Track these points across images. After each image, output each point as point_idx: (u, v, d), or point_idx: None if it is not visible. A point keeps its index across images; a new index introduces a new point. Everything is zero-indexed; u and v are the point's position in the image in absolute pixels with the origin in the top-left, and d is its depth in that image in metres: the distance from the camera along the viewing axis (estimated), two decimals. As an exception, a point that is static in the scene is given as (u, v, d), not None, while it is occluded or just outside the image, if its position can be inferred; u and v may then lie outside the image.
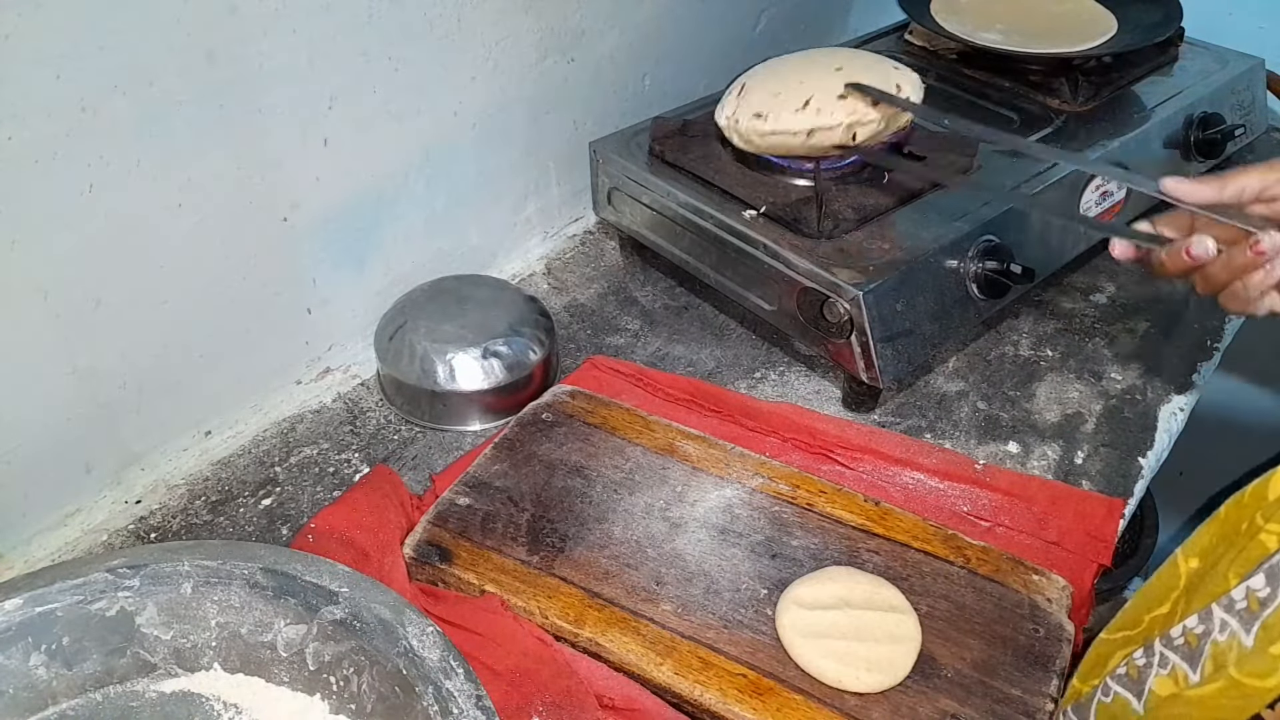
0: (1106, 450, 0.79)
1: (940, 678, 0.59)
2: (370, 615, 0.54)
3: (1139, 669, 0.50)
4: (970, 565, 0.65)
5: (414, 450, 0.79)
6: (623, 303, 0.95)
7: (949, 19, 1.01)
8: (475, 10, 0.81)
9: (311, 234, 0.78)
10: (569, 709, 0.58)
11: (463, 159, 0.88)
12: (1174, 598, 0.54)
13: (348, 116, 0.76)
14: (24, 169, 0.59)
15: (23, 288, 0.62)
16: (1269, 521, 0.47)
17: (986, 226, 0.80)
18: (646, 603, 0.63)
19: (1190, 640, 0.47)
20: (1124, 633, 0.57)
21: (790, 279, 0.77)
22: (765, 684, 0.58)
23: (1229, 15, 1.15)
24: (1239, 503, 0.52)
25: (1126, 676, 0.51)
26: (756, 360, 0.88)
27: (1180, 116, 0.96)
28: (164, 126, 0.64)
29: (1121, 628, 0.58)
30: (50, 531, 0.71)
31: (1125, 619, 0.58)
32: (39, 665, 0.55)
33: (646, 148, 0.90)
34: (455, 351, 0.78)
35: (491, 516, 0.68)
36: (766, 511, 0.69)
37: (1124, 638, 0.57)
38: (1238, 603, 0.45)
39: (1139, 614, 0.57)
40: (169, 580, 0.56)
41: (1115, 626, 0.58)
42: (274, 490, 0.75)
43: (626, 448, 0.73)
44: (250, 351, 0.79)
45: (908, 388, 0.85)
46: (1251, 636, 0.43)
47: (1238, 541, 0.49)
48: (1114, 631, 0.58)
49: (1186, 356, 0.88)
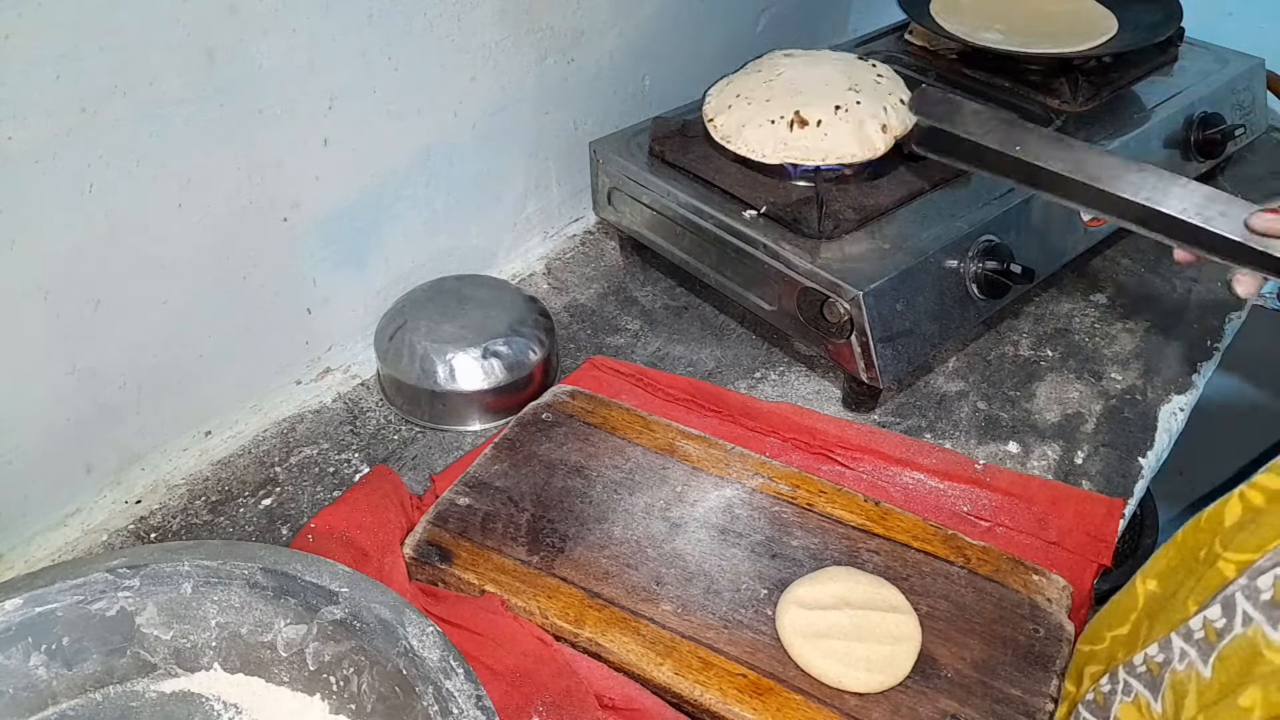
0: (1106, 450, 0.79)
1: (940, 678, 0.59)
2: (370, 615, 0.54)
3: (1104, 696, 0.51)
4: (970, 565, 0.65)
5: (414, 450, 0.79)
6: (623, 303, 0.95)
7: (949, 19, 1.01)
8: (475, 10, 0.81)
9: (311, 234, 0.78)
10: (569, 709, 0.58)
11: (463, 159, 0.88)
12: (1133, 619, 0.54)
13: (348, 116, 0.76)
14: (24, 169, 0.59)
15: (23, 288, 0.62)
16: (1226, 549, 0.47)
17: (986, 226, 0.80)
18: (646, 603, 0.63)
19: (1152, 668, 0.47)
20: (1090, 646, 0.58)
21: (790, 279, 0.77)
22: (765, 684, 0.58)
23: (1229, 15, 1.15)
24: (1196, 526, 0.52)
25: (1094, 703, 0.51)
26: (756, 360, 0.88)
27: (1180, 116, 0.96)
28: (164, 126, 0.64)
29: (1088, 640, 0.59)
30: (50, 531, 0.71)
31: (1090, 633, 0.59)
32: (39, 665, 0.55)
33: (646, 148, 0.90)
34: (455, 351, 0.78)
35: (491, 516, 0.68)
36: (766, 511, 0.69)
37: (1090, 651, 0.58)
38: (1195, 632, 0.45)
39: (1100, 630, 0.57)
40: (169, 580, 0.56)
41: (1084, 638, 0.59)
42: (274, 490, 0.75)
43: (626, 448, 0.73)
44: (250, 351, 0.79)
45: (908, 388, 0.85)
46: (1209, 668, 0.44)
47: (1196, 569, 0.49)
48: (1083, 643, 0.59)
49: (1186, 356, 0.88)
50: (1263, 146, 1.10)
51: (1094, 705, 0.51)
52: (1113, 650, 0.55)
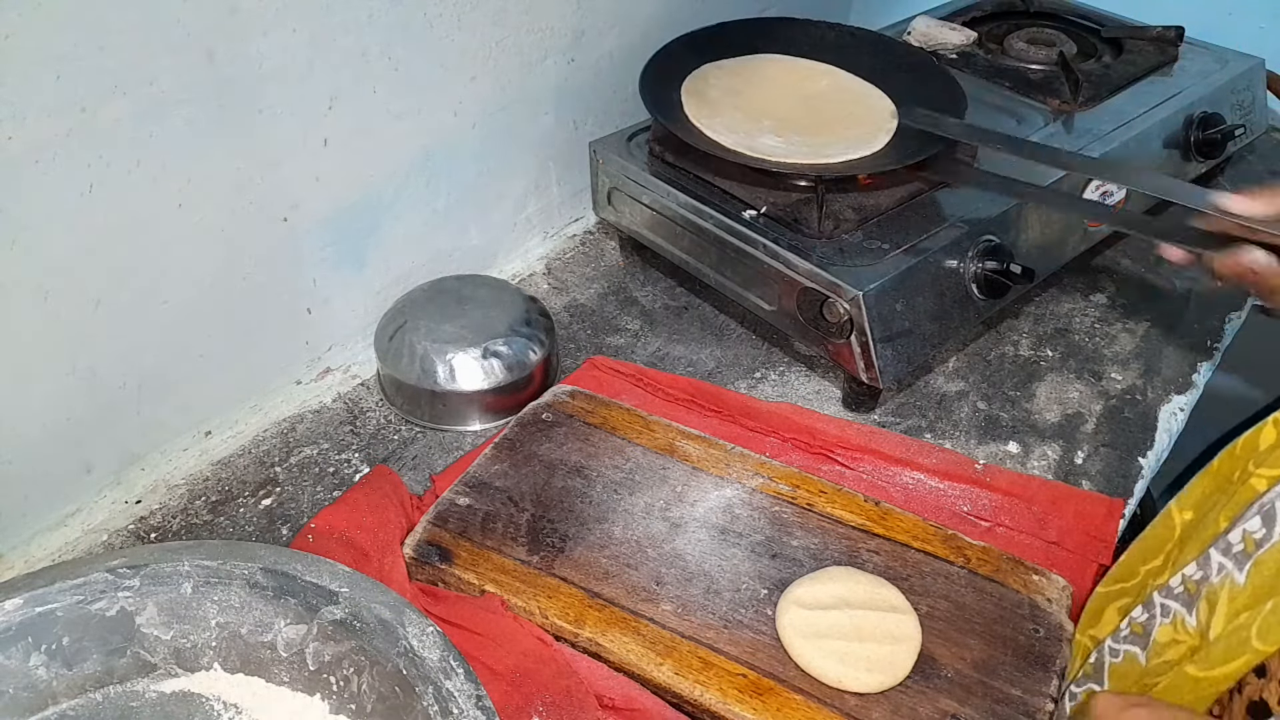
0: (1106, 450, 0.79)
1: (940, 678, 0.59)
2: (370, 615, 0.54)
3: (1142, 625, 0.51)
4: (970, 565, 0.65)
5: (414, 450, 0.79)
6: (623, 303, 0.95)
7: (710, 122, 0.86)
8: (475, 10, 0.81)
9: (311, 234, 0.78)
10: (569, 709, 0.58)
11: (463, 159, 0.88)
12: (1168, 549, 0.54)
13: (348, 116, 0.76)
14: (24, 169, 0.59)
15: (23, 288, 0.62)
16: (1260, 467, 0.48)
17: (986, 226, 0.80)
18: (646, 603, 0.63)
19: (1189, 588, 0.48)
20: (1119, 584, 0.58)
21: (790, 279, 0.77)
22: (765, 684, 0.58)
23: (1229, 15, 1.15)
24: (1231, 454, 0.53)
25: (1132, 634, 0.52)
26: (756, 360, 0.88)
27: (1180, 116, 0.96)
28: (164, 126, 0.64)
29: (1117, 579, 0.59)
30: (50, 531, 0.71)
31: (1120, 571, 0.59)
32: (39, 665, 0.55)
33: (646, 148, 0.90)
34: (455, 351, 0.78)
35: (491, 516, 0.68)
36: (766, 511, 0.69)
37: (1119, 590, 0.58)
38: (1234, 545, 0.46)
39: (1133, 566, 0.57)
40: (169, 580, 0.56)
41: (1111, 579, 0.59)
42: (274, 490, 0.75)
43: (626, 448, 0.73)
44: (250, 351, 0.79)
45: (908, 388, 0.85)
46: (1244, 574, 0.44)
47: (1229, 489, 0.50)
48: (1109, 584, 0.59)
49: (1186, 356, 0.88)
50: (1263, 146, 1.10)
51: (1131, 636, 0.51)
52: (1144, 582, 0.56)
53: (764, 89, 0.91)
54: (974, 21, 1.13)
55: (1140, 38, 1.07)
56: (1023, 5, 1.15)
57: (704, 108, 0.87)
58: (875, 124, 0.87)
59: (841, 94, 0.92)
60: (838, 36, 0.97)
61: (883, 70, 0.93)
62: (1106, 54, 1.06)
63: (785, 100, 0.90)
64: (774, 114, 0.87)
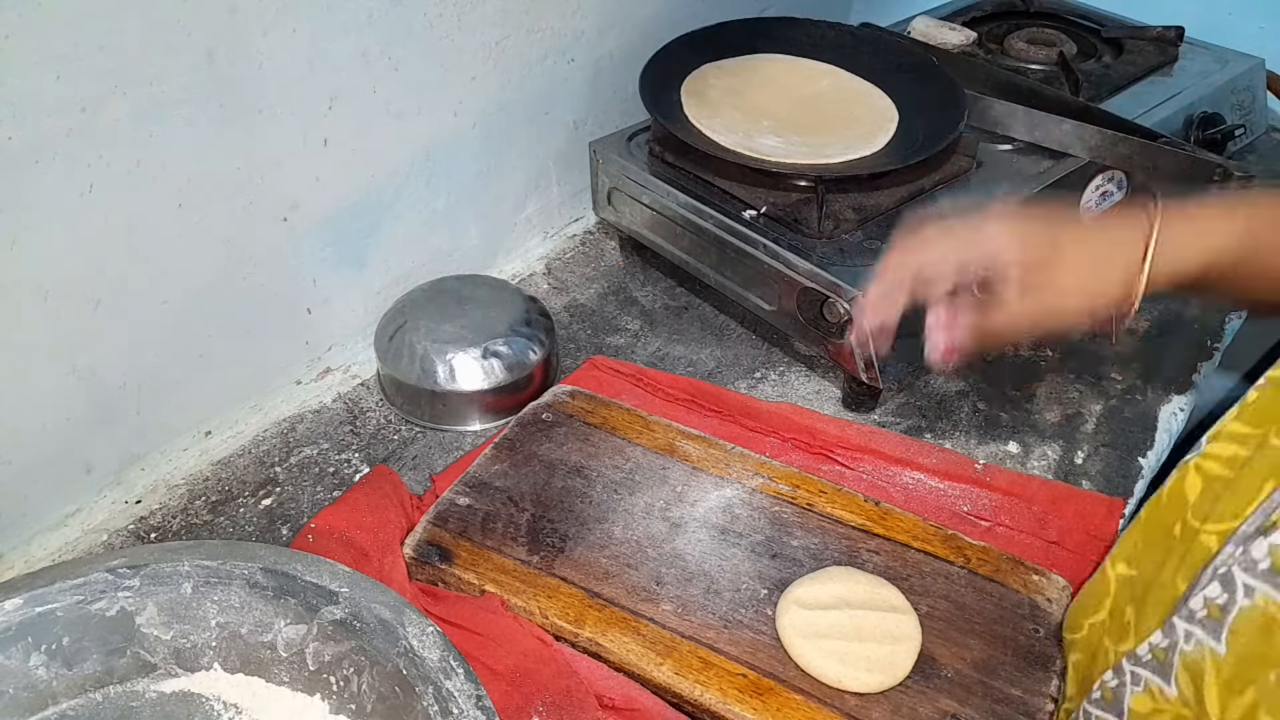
0: (1106, 450, 0.79)
1: (940, 678, 0.59)
2: (370, 615, 0.54)
3: (1112, 691, 0.51)
4: (970, 565, 0.65)
5: (414, 450, 0.79)
6: (623, 303, 0.95)
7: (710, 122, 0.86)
8: (475, 10, 0.81)
9: (311, 234, 0.78)
10: (569, 709, 0.58)
11: (463, 159, 0.88)
12: (1108, 605, 0.54)
13: (348, 116, 0.76)
14: (24, 169, 0.59)
15: (23, 288, 0.62)
16: (1205, 522, 0.47)
17: (986, 226, 0.80)
18: (646, 603, 0.63)
19: (1158, 655, 0.47)
20: (1070, 635, 0.58)
21: (790, 279, 0.77)
22: (765, 684, 0.58)
23: (1229, 15, 1.15)
24: (1158, 504, 0.52)
25: (1103, 700, 0.51)
26: (756, 360, 0.88)
27: (1180, 116, 0.96)
28: (164, 126, 0.64)
29: (1069, 629, 0.59)
30: (50, 531, 0.71)
31: (1068, 622, 0.59)
32: (39, 665, 0.55)
33: (646, 148, 0.90)
34: (455, 351, 0.78)
35: (491, 516, 0.68)
36: (766, 511, 0.69)
37: (1070, 640, 0.58)
38: (1197, 612, 0.45)
39: (1078, 619, 0.58)
40: (169, 580, 0.56)
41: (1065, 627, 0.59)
42: (274, 490, 0.75)
43: (626, 448, 0.73)
44: (250, 351, 0.79)
45: (908, 388, 0.85)
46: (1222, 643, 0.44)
47: (1175, 546, 0.49)
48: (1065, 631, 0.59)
49: (1186, 356, 0.88)
50: (1263, 146, 1.10)
51: (1102, 702, 0.51)
52: (1093, 637, 0.55)
53: (764, 89, 0.91)
54: (974, 21, 1.13)
55: (1140, 38, 1.07)
56: (1023, 5, 1.16)
57: (704, 108, 0.87)
58: (875, 124, 0.87)
59: (841, 94, 0.92)
60: (838, 36, 0.97)
61: (883, 70, 0.93)
62: (1106, 54, 1.06)
63: (785, 100, 0.90)
64: (774, 114, 0.88)
